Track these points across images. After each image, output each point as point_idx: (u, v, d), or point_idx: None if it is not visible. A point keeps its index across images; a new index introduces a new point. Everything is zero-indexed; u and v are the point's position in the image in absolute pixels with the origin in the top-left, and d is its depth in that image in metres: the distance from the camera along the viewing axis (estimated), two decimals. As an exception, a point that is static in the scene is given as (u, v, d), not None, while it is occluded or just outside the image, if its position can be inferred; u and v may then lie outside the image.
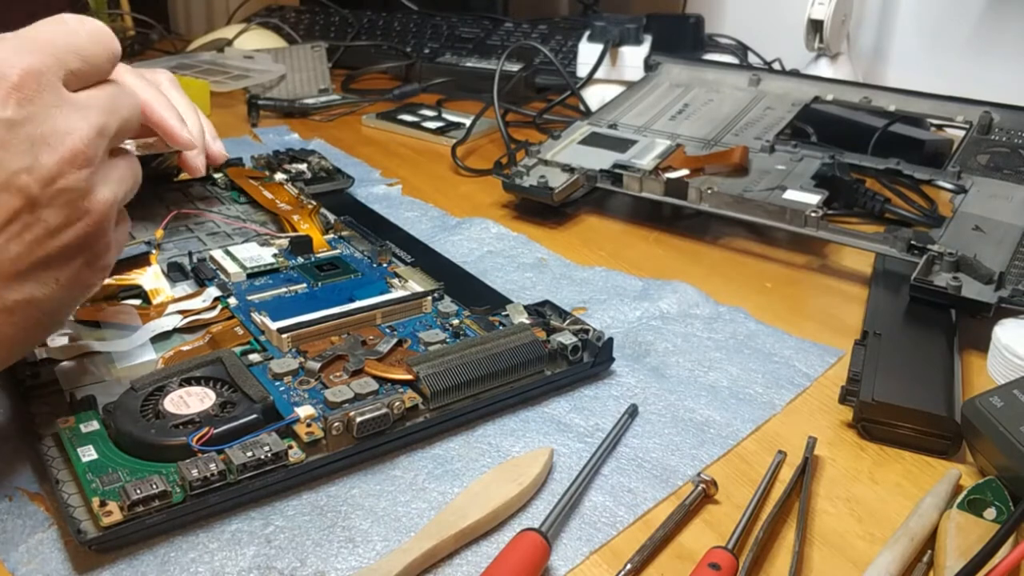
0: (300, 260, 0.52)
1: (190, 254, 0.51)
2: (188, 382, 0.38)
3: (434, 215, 0.64)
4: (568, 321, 0.45)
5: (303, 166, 0.68)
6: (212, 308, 0.45)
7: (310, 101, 0.93)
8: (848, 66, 0.92)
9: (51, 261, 0.32)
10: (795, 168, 0.62)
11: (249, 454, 0.33)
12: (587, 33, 0.86)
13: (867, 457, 0.39)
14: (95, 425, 0.36)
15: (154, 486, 0.32)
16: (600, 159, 0.65)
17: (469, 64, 1.02)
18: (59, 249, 0.32)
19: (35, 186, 0.31)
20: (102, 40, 0.34)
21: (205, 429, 0.34)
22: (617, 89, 0.80)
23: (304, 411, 0.36)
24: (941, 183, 0.61)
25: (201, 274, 0.48)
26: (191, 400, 0.37)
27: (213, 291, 0.46)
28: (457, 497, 0.34)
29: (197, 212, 0.57)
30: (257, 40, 1.06)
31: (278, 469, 0.34)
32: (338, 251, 0.53)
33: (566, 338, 0.42)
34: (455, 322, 0.45)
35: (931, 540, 0.33)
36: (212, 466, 0.33)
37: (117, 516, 0.31)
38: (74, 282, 0.34)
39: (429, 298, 0.47)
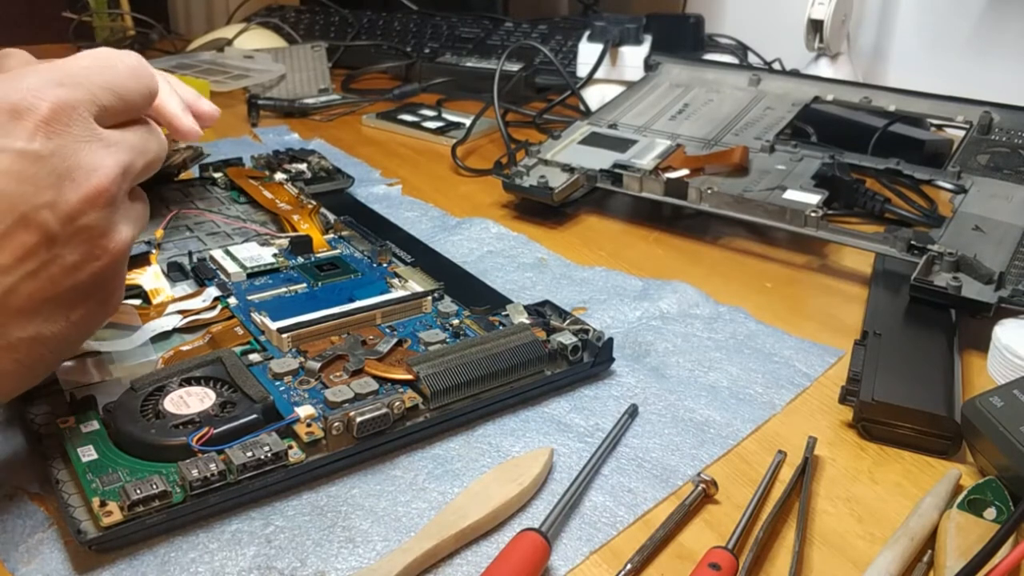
0: (300, 260, 0.52)
1: (190, 254, 0.51)
2: (188, 382, 0.38)
3: (434, 215, 0.64)
4: (568, 321, 0.45)
5: (303, 166, 0.68)
6: (212, 308, 0.45)
7: (310, 101, 0.93)
8: (848, 66, 0.92)
9: (63, 299, 0.31)
10: (795, 168, 0.62)
11: (249, 454, 0.33)
12: (587, 33, 0.86)
13: (867, 457, 0.39)
14: (95, 425, 0.36)
15: (154, 486, 0.32)
16: (600, 159, 0.65)
17: (469, 64, 1.02)
18: (73, 287, 0.31)
19: (55, 223, 0.30)
20: (141, 78, 0.34)
21: (205, 429, 0.34)
22: (617, 89, 0.80)
23: (304, 411, 0.36)
24: (941, 183, 0.61)
25: (201, 274, 0.48)
26: (191, 400, 0.37)
27: (213, 291, 0.46)
28: (457, 497, 0.34)
29: (197, 212, 0.57)
30: (257, 40, 1.06)
31: (278, 469, 0.34)
32: (338, 251, 0.53)
33: (566, 338, 0.42)
34: (455, 322, 0.45)
35: (931, 540, 0.33)
36: (212, 466, 0.33)
37: (117, 516, 0.31)
38: (84, 320, 0.33)
39: (429, 298, 0.47)
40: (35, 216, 0.30)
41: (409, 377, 0.39)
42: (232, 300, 0.46)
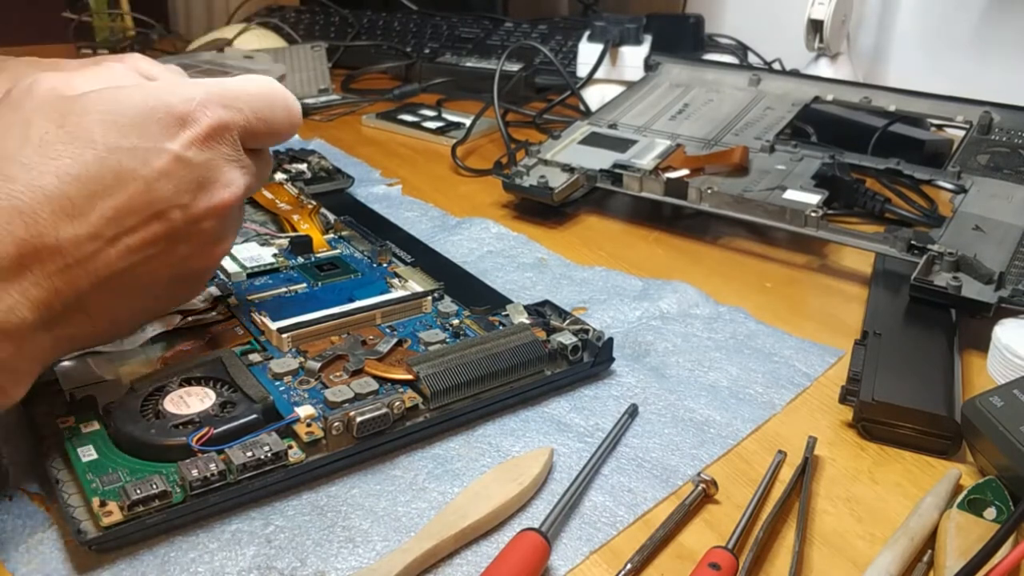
0: (300, 260, 0.52)
1: (190, 254, 0.51)
2: (188, 382, 0.38)
3: (434, 215, 0.64)
4: (568, 321, 0.45)
5: (303, 166, 0.68)
6: (212, 308, 0.45)
7: (310, 101, 0.93)
8: (848, 66, 0.92)
9: (163, 282, 0.35)
10: (795, 168, 0.62)
11: (249, 454, 0.33)
12: (587, 33, 0.86)
13: (867, 457, 0.39)
14: (95, 425, 0.36)
15: (154, 486, 0.32)
16: (600, 159, 0.65)
17: (469, 64, 1.02)
18: (174, 275, 0.35)
19: (181, 221, 0.34)
20: (292, 117, 0.37)
21: (205, 429, 0.34)
22: (617, 89, 0.80)
23: (304, 411, 0.36)
24: (941, 183, 0.61)
25: (201, 274, 0.48)
26: (191, 400, 0.37)
27: (213, 291, 0.46)
28: (457, 497, 0.34)
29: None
30: (257, 40, 1.06)
31: (278, 469, 0.34)
32: (338, 251, 0.53)
33: (566, 338, 0.42)
34: (455, 322, 0.45)
35: (931, 540, 0.33)
36: (212, 466, 0.33)
37: (117, 516, 0.31)
38: (170, 301, 0.38)
39: (429, 298, 0.47)
40: (168, 212, 0.33)
41: (409, 377, 0.39)
42: (232, 300, 0.46)
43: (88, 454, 0.34)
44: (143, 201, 0.32)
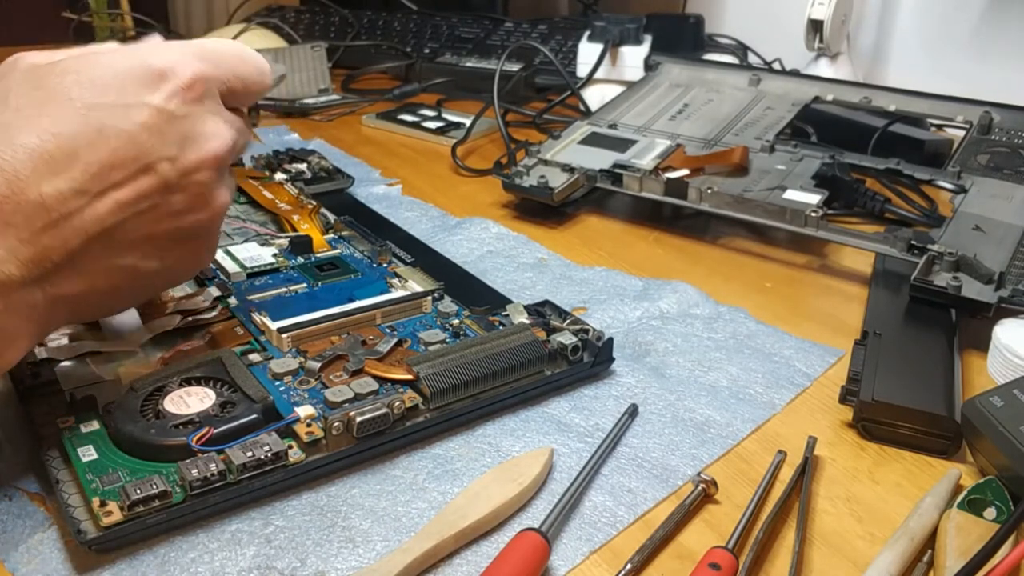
0: (300, 260, 0.52)
1: (190, 254, 0.51)
2: (188, 382, 0.38)
3: (434, 215, 0.64)
4: (568, 321, 0.45)
5: (303, 166, 0.68)
6: (212, 308, 0.45)
7: (310, 101, 0.93)
8: (848, 66, 0.92)
9: (162, 240, 0.35)
10: (795, 168, 0.62)
11: (249, 454, 0.33)
12: (587, 33, 0.86)
13: (867, 457, 0.39)
14: (95, 425, 0.36)
15: (154, 486, 0.32)
16: (600, 159, 0.65)
17: (469, 64, 1.02)
18: (174, 231, 0.35)
19: (172, 174, 0.34)
20: (264, 76, 0.38)
21: (205, 429, 0.34)
22: (617, 89, 0.80)
23: (304, 411, 0.36)
24: (941, 183, 0.61)
25: (201, 274, 0.48)
26: (191, 400, 0.37)
27: (213, 291, 0.46)
28: (457, 497, 0.34)
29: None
30: (257, 40, 1.06)
31: (278, 469, 0.34)
32: (338, 251, 0.53)
33: (566, 338, 0.42)
34: (455, 322, 0.45)
35: (931, 540, 0.33)
36: (212, 466, 0.33)
37: (117, 516, 0.31)
38: (178, 264, 0.37)
39: (429, 298, 0.47)
40: (156, 165, 0.33)
41: (409, 377, 0.39)
42: (232, 300, 0.46)
43: (88, 454, 0.34)
44: (128, 155, 0.32)
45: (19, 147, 0.30)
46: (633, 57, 0.83)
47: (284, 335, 0.42)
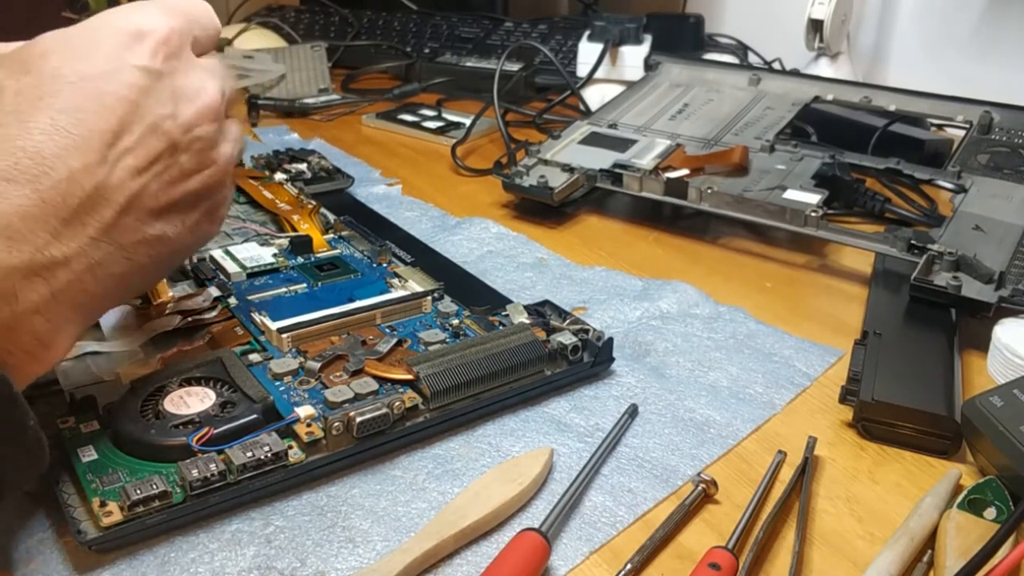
0: (300, 260, 0.52)
1: (190, 254, 0.51)
2: (188, 382, 0.38)
3: (434, 215, 0.64)
4: (568, 321, 0.45)
5: (303, 166, 0.68)
6: (212, 308, 0.45)
7: (310, 101, 0.93)
8: (848, 66, 0.92)
9: (181, 203, 0.35)
10: (795, 168, 0.62)
11: (249, 454, 0.33)
12: (587, 33, 0.86)
13: (867, 457, 0.39)
14: (95, 425, 0.36)
15: (154, 486, 0.32)
16: (600, 159, 0.65)
17: (469, 64, 1.02)
18: (189, 193, 0.35)
19: (177, 132, 0.34)
20: (213, 19, 0.38)
21: (205, 429, 0.34)
22: (617, 89, 0.80)
23: (304, 411, 0.36)
24: (941, 183, 0.61)
25: (201, 274, 0.48)
26: (191, 400, 0.37)
27: (213, 291, 0.46)
28: (457, 497, 0.34)
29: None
30: (257, 40, 1.06)
31: (278, 469, 0.34)
32: (338, 251, 0.53)
33: (566, 338, 0.42)
34: (455, 322, 0.45)
35: (931, 540, 0.33)
36: (212, 466, 0.33)
37: (117, 516, 0.31)
38: (195, 227, 0.37)
39: (429, 298, 0.47)
40: (161, 124, 0.33)
41: (409, 377, 0.39)
42: (232, 300, 0.46)
43: (88, 454, 0.34)
44: (133, 118, 0.32)
45: (34, 129, 0.30)
46: (633, 57, 0.83)
47: (284, 335, 0.42)
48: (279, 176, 0.65)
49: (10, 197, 0.29)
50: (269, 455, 0.34)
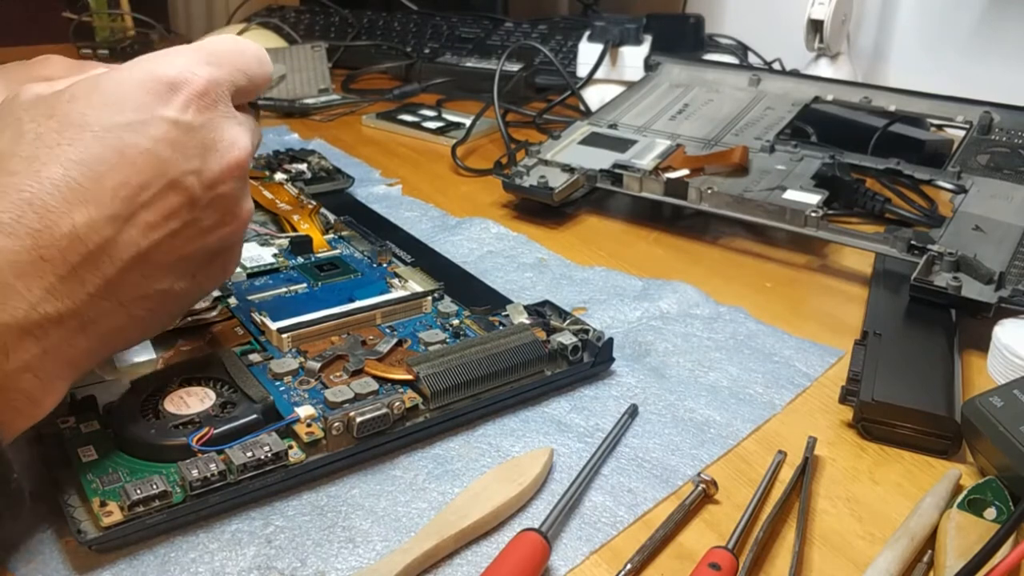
0: (300, 260, 0.52)
1: (190, 254, 0.51)
2: (188, 382, 0.38)
3: (434, 215, 0.64)
4: (568, 321, 0.45)
5: (303, 166, 0.68)
6: (212, 308, 0.45)
7: (310, 101, 0.93)
8: (848, 66, 0.92)
9: (193, 258, 0.34)
10: (795, 168, 0.62)
11: (249, 454, 0.33)
12: (587, 33, 0.86)
13: (867, 457, 0.39)
14: (95, 425, 0.36)
15: (154, 486, 0.32)
16: (600, 159, 0.65)
17: (469, 64, 1.02)
18: (205, 248, 0.34)
19: (199, 189, 0.33)
20: (264, 65, 0.37)
21: (205, 429, 0.34)
22: (617, 89, 0.80)
23: (304, 411, 0.36)
24: (941, 183, 0.61)
25: (201, 274, 0.48)
26: (191, 400, 0.37)
27: (213, 291, 0.46)
28: (457, 497, 0.34)
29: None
30: (257, 40, 1.06)
31: (278, 469, 0.34)
32: (338, 251, 0.53)
33: (566, 338, 0.42)
34: (455, 322, 0.45)
35: (931, 540, 0.33)
36: (212, 466, 0.33)
37: (117, 516, 0.31)
38: (206, 280, 0.36)
39: (429, 298, 0.47)
40: (182, 180, 0.32)
41: (409, 377, 0.39)
42: (232, 300, 0.46)
43: (88, 454, 0.34)
44: (153, 173, 0.31)
45: (45, 179, 0.29)
46: (633, 57, 0.83)
47: (284, 335, 0.42)
48: (279, 176, 0.65)
49: (7, 253, 0.28)
50: (269, 455, 0.34)
